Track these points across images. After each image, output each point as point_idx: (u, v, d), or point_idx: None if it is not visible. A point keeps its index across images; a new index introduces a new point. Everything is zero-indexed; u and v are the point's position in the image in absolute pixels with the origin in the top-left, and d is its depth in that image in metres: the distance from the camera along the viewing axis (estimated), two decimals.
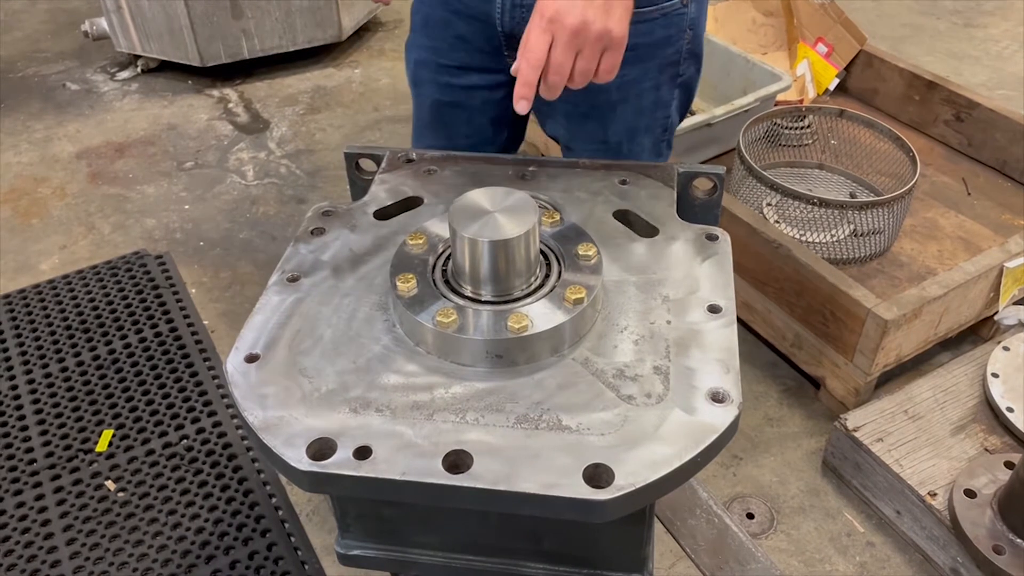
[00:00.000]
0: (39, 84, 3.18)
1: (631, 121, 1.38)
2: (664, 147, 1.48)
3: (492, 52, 1.36)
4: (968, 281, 1.79)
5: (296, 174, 2.69)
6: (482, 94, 1.42)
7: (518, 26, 1.30)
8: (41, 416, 1.91)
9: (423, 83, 1.45)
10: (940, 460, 1.65)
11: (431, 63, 1.41)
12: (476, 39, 1.35)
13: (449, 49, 1.38)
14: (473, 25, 1.34)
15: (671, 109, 1.42)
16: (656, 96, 1.37)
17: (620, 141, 1.40)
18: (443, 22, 1.37)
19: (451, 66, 1.40)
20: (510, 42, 1.33)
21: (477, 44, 1.36)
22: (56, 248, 2.43)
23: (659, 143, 1.45)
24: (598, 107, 1.35)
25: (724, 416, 0.82)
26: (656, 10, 1.27)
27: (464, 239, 0.87)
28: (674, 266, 0.99)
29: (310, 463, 0.79)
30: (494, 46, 1.35)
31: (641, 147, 1.43)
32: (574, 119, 1.39)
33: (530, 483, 0.77)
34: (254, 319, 0.95)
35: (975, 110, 2.34)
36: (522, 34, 1.24)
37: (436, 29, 1.38)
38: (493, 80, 1.40)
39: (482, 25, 1.33)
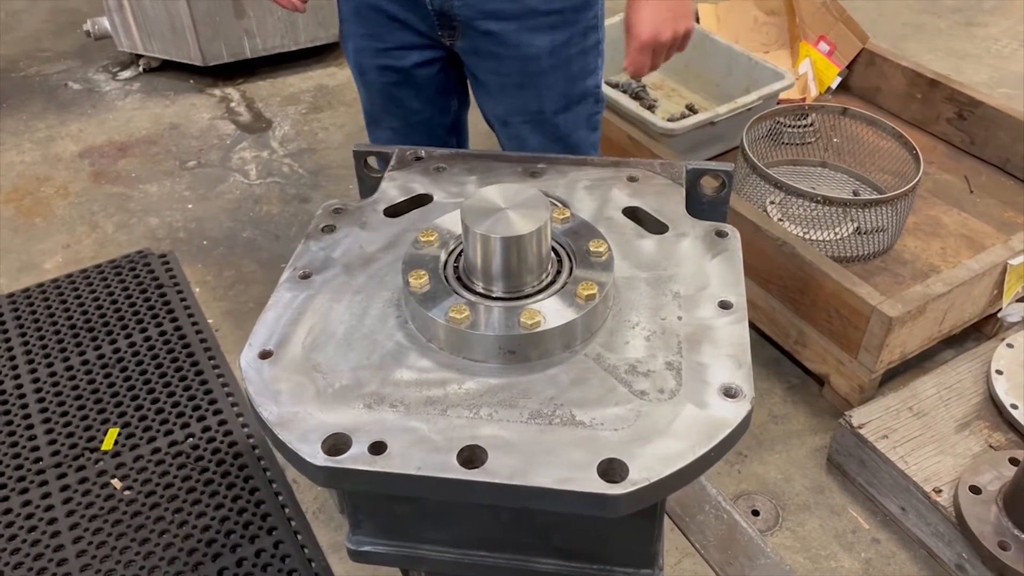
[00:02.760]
0: (41, 83, 3.18)
1: (564, 88, 1.42)
2: (597, 121, 1.52)
3: (427, 32, 1.40)
4: (972, 278, 1.79)
5: (299, 173, 2.70)
6: (425, 69, 1.46)
7: (447, 3, 1.34)
8: (46, 415, 1.92)
9: (367, 70, 1.48)
10: (945, 457, 1.65)
11: (370, 49, 1.45)
12: (410, 19, 1.39)
13: (386, 33, 1.42)
14: (405, 5, 1.37)
15: (598, 78, 1.48)
16: (584, 63, 1.42)
17: (556, 111, 1.44)
18: (375, 8, 1.40)
19: (390, 48, 1.43)
20: (442, 20, 1.38)
21: (412, 24, 1.40)
22: (60, 247, 2.43)
23: (592, 116, 1.49)
24: (531, 75, 1.39)
25: (737, 411, 0.83)
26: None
27: (477, 235, 0.87)
28: (684, 262, 1.00)
29: (325, 458, 0.79)
30: (429, 26, 1.39)
31: (578, 118, 1.47)
32: (508, 90, 1.42)
33: (544, 478, 0.77)
34: (266, 316, 0.95)
35: (977, 108, 2.34)
36: (451, 12, 1.32)
37: (370, 16, 1.41)
38: (433, 55, 1.45)
39: (414, 6, 1.37)
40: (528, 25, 1.34)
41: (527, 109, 1.43)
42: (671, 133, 2.17)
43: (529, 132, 1.46)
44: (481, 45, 1.38)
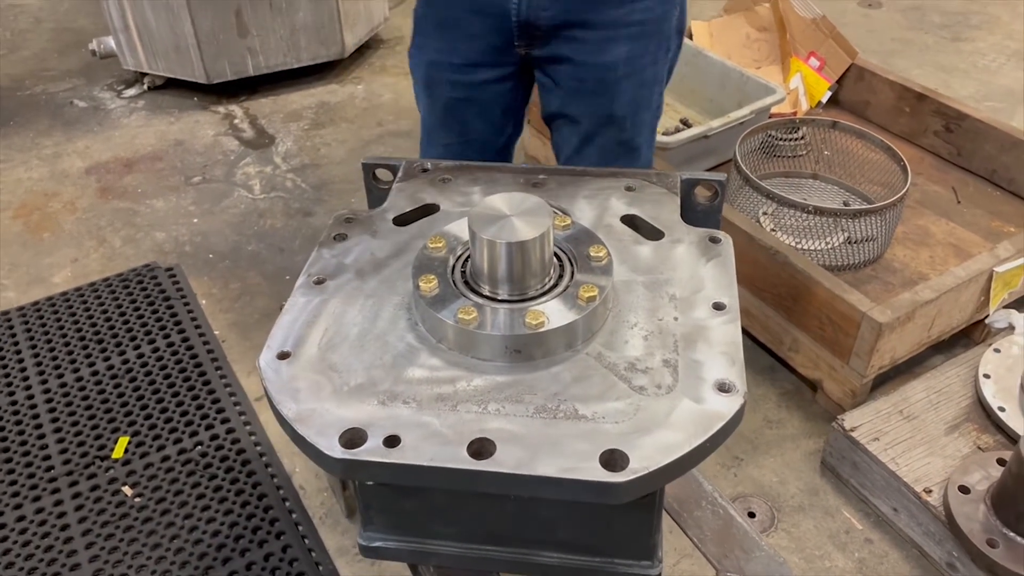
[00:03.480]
0: (47, 102, 3.23)
1: (634, 94, 1.49)
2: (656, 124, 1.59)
3: (502, 46, 1.46)
4: (959, 285, 1.84)
5: (302, 188, 2.75)
6: (492, 87, 1.52)
7: (533, 13, 1.39)
8: (58, 424, 1.96)
9: (436, 84, 1.54)
10: (935, 458, 1.70)
11: (444, 64, 1.51)
12: (488, 35, 1.45)
13: (462, 48, 1.48)
14: (487, 22, 1.43)
15: (662, 87, 1.55)
16: (655, 71, 1.49)
17: (625, 115, 1.50)
18: (456, 22, 1.46)
19: (463, 64, 1.49)
20: (523, 31, 1.44)
21: (489, 40, 1.46)
22: (68, 261, 2.47)
23: (654, 120, 1.56)
24: (606, 82, 1.45)
25: (730, 404, 0.87)
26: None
27: (483, 240, 0.92)
28: (680, 267, 1.05)
29: (343, 451, 0.84)
30: (505, 40, 1.45)
31: (643, 122, 1.54)
32: (582, 95, 1.48)
33: (550, 467, 0.82)
34: (283, 319, 1.00)
35: (964, 121, 2.41)
36: (537, 22, 1.37)
37: (449, 31, 1.48)
38: (502, 73, 1.51)
39: (495, 20, 1.43)
40: (609, 35, 1.40)
41: (598, 113, 1.50)
42: (666, 147, 2.22)
43: (596, 133, 1.52)
44: (560, 52, 1.44)
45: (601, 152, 1.54)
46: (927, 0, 3.83)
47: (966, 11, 3.73)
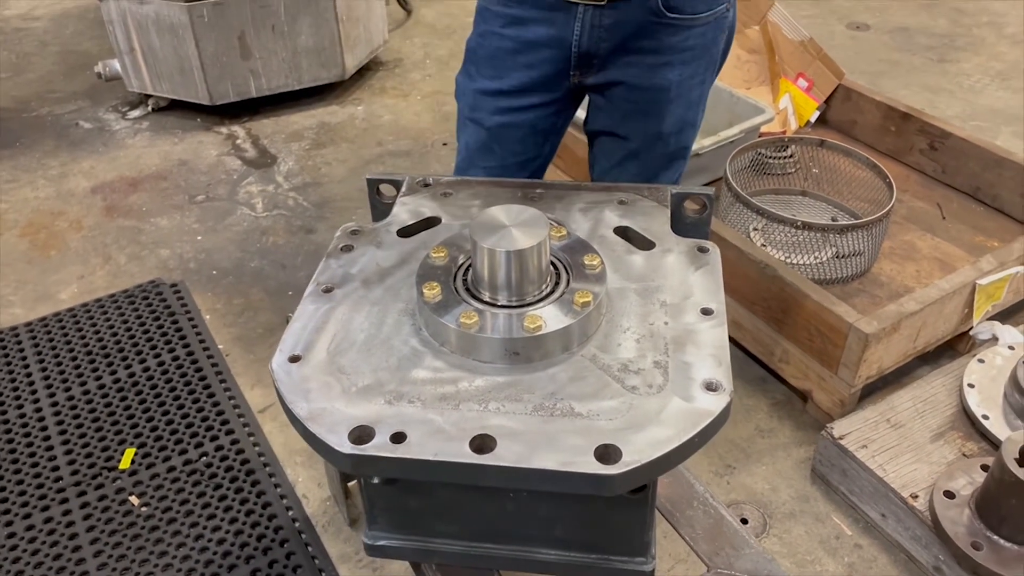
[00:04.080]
0: (53, 123, 3.30)
1: (683, 114, 1.55)
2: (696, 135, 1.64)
3: (556, 75, 1.51)
4: (943, 297, 1.90)
5: (304, 206, 2.81)
6: (537, 111, 1.56)
7: (594, 45, 1.45)
8: (65, 436, 2.00)
9: (483, 110, 1.58)
10: (921, 465, 1.75)
11: (493, 91, 1.55)
12: (544, 65, 1.50)
13: (513, 76, 1.52)
14: (543, 52, 1.48)
15: (706, 102, 1.61)
16: (701, 91, 1.55)
17: (671, 133, 1.55)
18: (510, 52, 1.50)
19: (512, 91, 1.53)
20: (580, 61, 1.48)
21: (543, 70, 1.50)
22: (74, 278, 2.52)
23: (696, 132, 1.63)
24: (657, 103, 1.51)
25: (718, 402, 0.93)
26: (710, 15, 1.45)
27: (484, 249, 0.98)
28: (670, 275, 1.10)
29: (352, 447, 0.89)
30: (560, 69, 1.50)
31: (687, 137, 1.60)
32: (634, 116, 1.53)
33: (548, 461, 0.87)
34: (294, 325, 1.05)
35: (948, 139, 2.48)
36: (597, 52, 1.43)
37: (502, 59, 1.52)
38: (550, 98, 1.55)
39: (553, 51, 1.48)
40: (663, 60, 1.45)
41: (648, 131, 1.55)
42: None
43: (643, 149, 1.57)
44: (614, 78, 1.49)
45: (643, 165, 1.59)
46: (914, 22, 3.92)
47: (952, 33, 3.82)
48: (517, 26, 1.47)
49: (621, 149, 1.57)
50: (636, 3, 1.40)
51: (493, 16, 1.51)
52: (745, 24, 2.86)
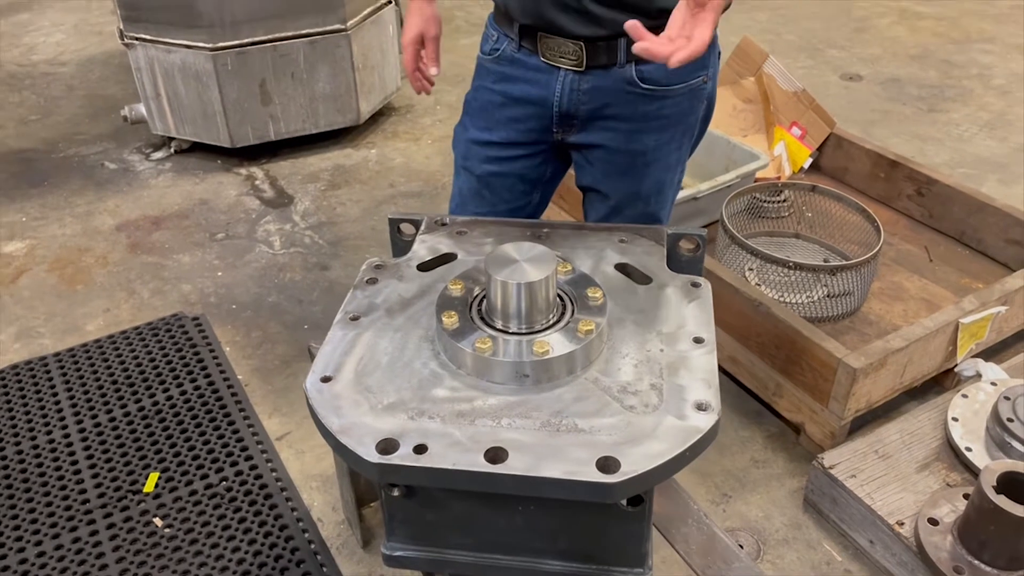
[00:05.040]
0: (79, 164, 3.44)
1: (659, 175, 1.65)
2: (675, 196, 1.75)
3: (540, 130, 1.63)
4: (928, 335, 2.01)
5: (319, 244, 2.94)
6: (524, 162, 1.68)
7: (574, 107, 1.57)
8: (92, 461, 2.10)
9: (474, 158, 1.70)
10: (907, 494, 1.84)
11: (483, 141, 1.67)
12: (529, 121, 1.62)
13: (502, 129, 1.64)
14: (528, 109, 1.60)
15: (684, 165, 1.71)
16: (678, 155, 1.65)
17: (650, 194, 1.66)
18: (500, 106, 1.63)
19: (500, 142, 1.66)
20: (561, 120, 1.60)
21: (528, 124, 1.63)
22: (100, 311, 2.64)
23: (675, 193, 1.73)
24: (635, 165, 1.62)
25: (707, 420, 1.03)
26: (684, 87, 1.55)
27: (497, 281, 1.09)
28: (665, 307, 1.21)
29: (379, 457, 0.99)
30: (544, 125, 1.62)
31: (665, 198, 1.71)
32: (613, 175, 1.64)
33: (554, 471, 0.97)
34: (324, 349, 1.16)
35: (934, 186, 2.60)
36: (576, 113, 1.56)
37: (492, 112, 1.64)
38: (536, 151, 1.67)
39: (537, 108, 1.60)
40: (640, 127, 1.55)
41: (627, 191, 1.65)
42: None
43: (624, 206, 1.67)
44: (594, 139, 1.60)
45: (625, 220, 1.68)
46: (905, 74, 4.08)
47: (942, 84, 3.97)
48: (505, 83, 1.60)
49: (604, 205, 1.68)
50: (612, 72, 1.52)
51: (486, 72, 1.64)
52: (741, 75, 3.01)
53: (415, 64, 1.71)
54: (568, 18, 1.48)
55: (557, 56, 1.54)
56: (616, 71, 1.53)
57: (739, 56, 3.02)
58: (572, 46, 1.51)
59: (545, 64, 1.56)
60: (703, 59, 1.52)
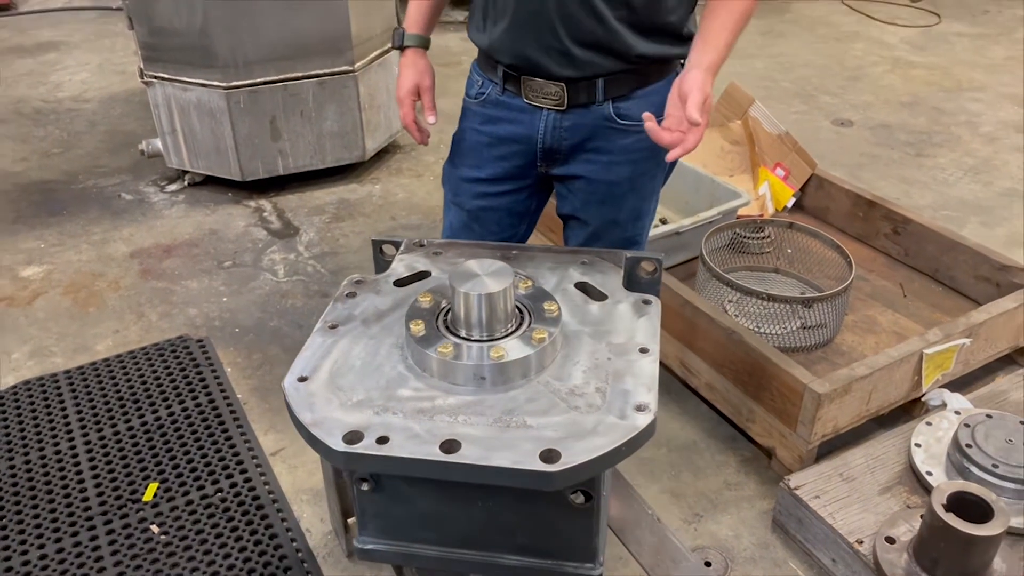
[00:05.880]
0: (97, 194, 3.61)
1: (636, 204, 1.79)
2: (651, 223, 1.88)
3: (525, 165, 1.77)
4: (891, 364, 2.10)
5: (321, 272, 3.07)
6: (511, 196, 1.81)
7: (556, 143, 1.70)
8: (96, 471, 2.21)
9: (464, 194, 1.83)
10: (868, 515, 1.91)
11: (472, 178, 1.81)
12: (514, 158, 1.76)
13: (490, 167, 1.78)
14: (514, 147, 1.74)
15: (658, 195, 1.85)
16: (652, 185, 1.79)
17: (628, 220, 1.80)
18: (487, 145, 1.77)
19: (488, 179, 1.80)
20: (545, 155, 1.74)
21: (514, 161, 1.77)
22: (110, 332, 2.77)
23: (650, 220, 1.86)
24: (613, 194, 1.76)
25: (644, 420, 1.14)
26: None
27: (460, 293, 1.21)
28: (618, 321, 1.32)
29: (345, 446, 1.10)
30: (529, 161, 1.76)
31: (642, 225, 1.84)
32: (592, 204, 1.78)
33: (502, 460, 1.08)
34: (304, 353, 1.28)
35: (909, 225, 2.71)
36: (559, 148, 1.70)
37: (480, 151, 1.78)
38: (522, 185, 1.81)
39: (522, 146, 1.74)
40: (616, 159, 1.68)
41: (606, 218, 1.78)
42: None
43: (603, 232, 1.81)
44: (575, 171, 1.73)
45: (605, 246, 1.81)
46: (895, 120, 4.20)
47: (930, 130, 4.09)
48: (491, 124, 1.74)
49: (584, 231, 1.81)
50: (592, 110, 1.66)
51: (473, 114, 1.78)
52: (728, 119, 3.15)
53: (412, 116, 1.77)
54: (551, 60, 1.62)
55: (539, 97, 1.67)
56: (595, 108, 1.67)
57: (726, 100, 3.16)
58: (554, 87, 1.65)
59: (528, 105, 1.69)
60: None
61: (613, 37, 1.55)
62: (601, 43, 1.56)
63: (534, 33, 1.59)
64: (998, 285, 2.47)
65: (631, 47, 1.57)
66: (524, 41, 1.61)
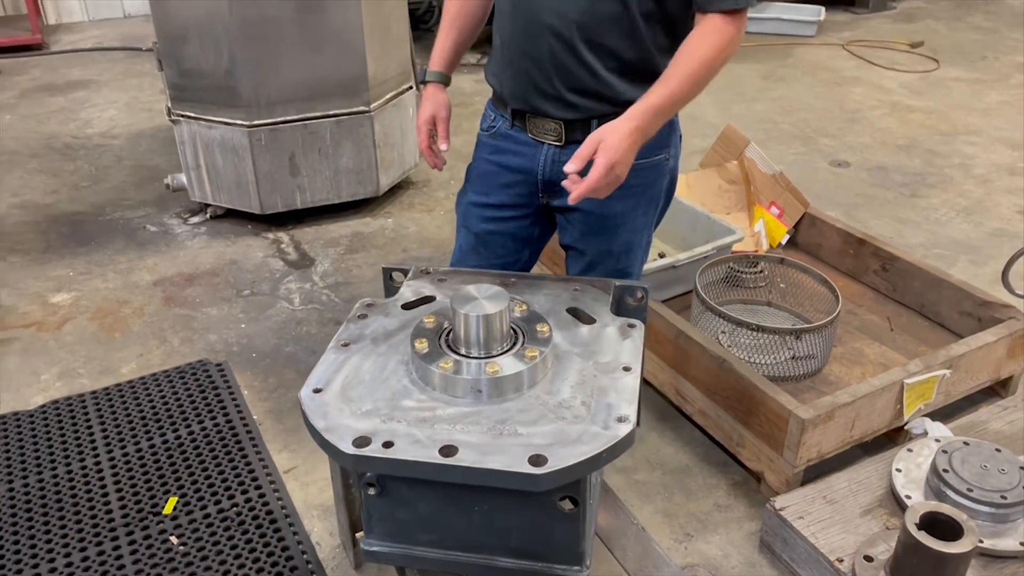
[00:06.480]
0: (124, 226, 3.78)
1: (628, 237, 1.93)
2: (645, 256, 2.02)
3: (528, 194, 1.93)
4: (873, 392, 2.21)
5: (335, 301, 3.21)
6: (515, 222, 1.97)
7: (555, 175, 1.85)
8: (119, 485, 2.34)
9: (472, 218, 2.00)
10: (848, 535, 2.01)
11: (480, 204, 1.98)
12: (518, 187, 1.92)
13: (496, 194, 1.95)
14: (518, 176, 1.91)
15: (652, 230, 1.99)
16: (644, 220, 1.93)
17: (621, 252, 1.94)
18: (494, 174, 1.94)
19: (495, 205, 1.96)
20: (546, 186, 1.90)
21: (517, 190, 1.93)
22: (134, 356, 2.92)
23: (644, 253, 2.00)
24: (607, 227, 1.90)
25: (624, 429, 1.26)
26: (647, 162, 1.83)
27: (460, 314, 1.35)
28: (604, 342, 1.46)
29: (354, 450, 1.23)
30: (531, 191, 1.92)
31: (635, 257, 1.98)
32: (589, 235, 1.92)
33: (495, 464, 1.20)
34: (318, 368, 1.42)
35: (896, 262, 2.83)
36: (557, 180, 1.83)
37: (488, 179, 1.95)
38: (524, 212, 1.97)
39: (525, 176, 1.90)
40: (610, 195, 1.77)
41: (601, 248, 1.92)
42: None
43: (598, 262, 1.94)
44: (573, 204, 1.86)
45: (600, 275, 1.94)
46: (891, 162, 4.34)
47: (924, 172, 4.22)
48: (499, 155, 1.90)
49: (582, 261, 1.95)
50: None
51: (484, 146, 1.95)
52: (725, 159, 3.29)
53: (428, 141, 1.94)
54: (550, 104, 1.79)
55: (542, 133, 1.83)
56: None
57: (723, 142, 3.31)
58: (553, 125, 1.81)
59: (532, 140, 1.85)
60: (664, 140, 1.81)
61: (603, 85, 1.71)
62: (593, 91, 1.72)
63: (534, 81, 1.76)
64: (980, 320, 2.58)
65: (620, 93, 1.73)
66: (526, 87, 1.78)
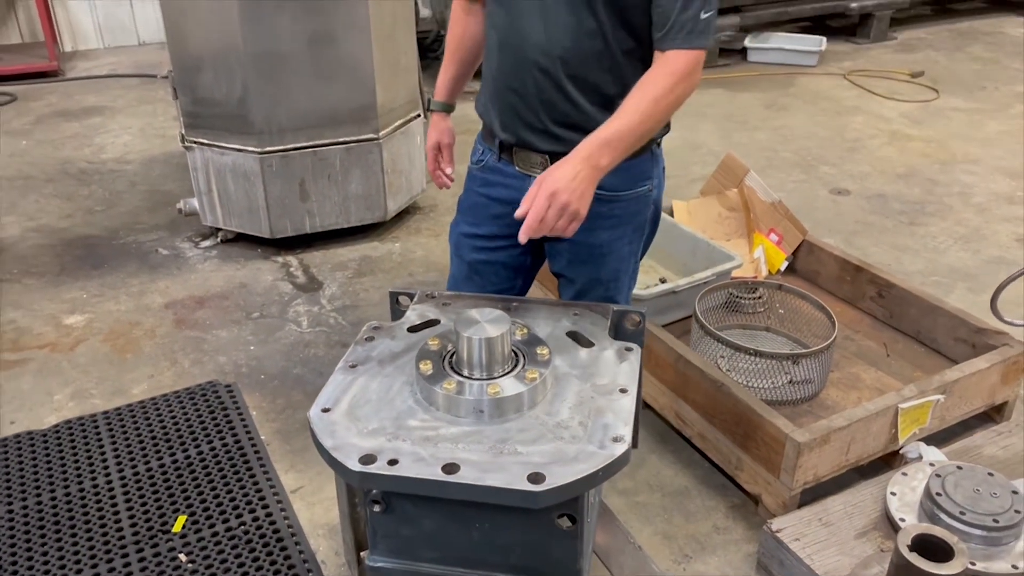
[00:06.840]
0: (136, 249, 3.86)
1: (615, 265, 1.99)
2: (632, 284, 2.08)
3: (516, 224, 1.96)
4: (868, 416, 2.25)
5: (342, 324, 3.27)
6: (506, 252, 2.03)
7: None
8: (130, 504, 2.39)
9: (464, 248, 2.07)
10: (844, 557, 2.05)
11: (471, 234, 2.05)
12: (506, 217, 1.97)
13: (486, 224, 2.02)
14: (505, 207, 1.96)
15: (638, 257, 2.05)
16: (630, 248, 1.99)
17: (608, 280, 2.00)
18: (483, 206, 2.01)
19: (485, 235, 2.03)
20: None
21: (506, 220, 1.98)
22: (145, 377, 2.98)
23: (631, 280, 2.07)
24: (593, 256, 1.96)
25: (620, 449, 1.31)
26: (631, 193, 1.91)
27: (463, 337, 1.40)
28: (602, 365, 1.51)
29: (360, 467, 1.29)
30: (519, 221, 1.96)
31: (622, 284, 2.04)
32: (576, 263, 1.99)
33: (495, 481, 1.25)
34: (327, 388, 1.47)
35: (893, 289, 2.88)
36: None
37: (478, 211, 2.03)
38: (513, 243, 2.00)
39: (512, 207, 1.94)
40: (596, 224, 1.85)
41: (589, 276, 1.99)
42: (641, 299, 2.71)
43: (587, 290, 2.01)
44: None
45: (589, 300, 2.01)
46: (891, 190, 4.40)
47: (923, 200, 4.28)
48: (488, 187, 1.98)
49: (572, 288, 2.01)
50: None
51: (473, 178, 2.04)
52: (725, 187, 3.36)
53: (435, 165, 2.16)
54: (536, 137, 1.86)
55: (528, 166, 1.90)
56: None
57: (723, 170, 3.38)
58: (539, 158, 1.88)
59: (519, 172, 1.92)
60: (647, 171, 1.88)
61: (588, 119, 1.77)
62: (577, 124, 1.78)
63: (520, 115, 1.84)
64: (974, 346, 2.62)
65: None
66: (513, 121, 1.86)
